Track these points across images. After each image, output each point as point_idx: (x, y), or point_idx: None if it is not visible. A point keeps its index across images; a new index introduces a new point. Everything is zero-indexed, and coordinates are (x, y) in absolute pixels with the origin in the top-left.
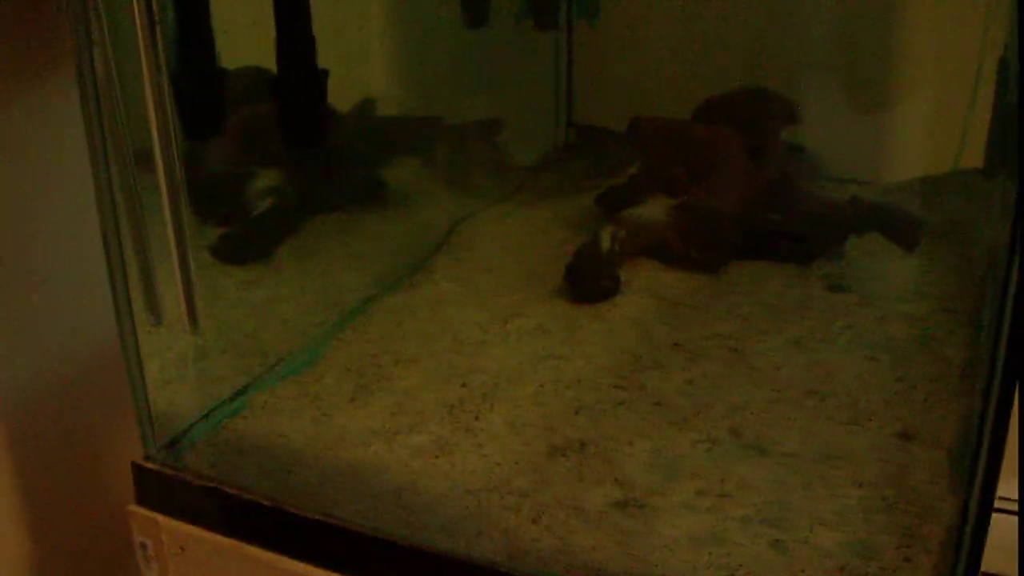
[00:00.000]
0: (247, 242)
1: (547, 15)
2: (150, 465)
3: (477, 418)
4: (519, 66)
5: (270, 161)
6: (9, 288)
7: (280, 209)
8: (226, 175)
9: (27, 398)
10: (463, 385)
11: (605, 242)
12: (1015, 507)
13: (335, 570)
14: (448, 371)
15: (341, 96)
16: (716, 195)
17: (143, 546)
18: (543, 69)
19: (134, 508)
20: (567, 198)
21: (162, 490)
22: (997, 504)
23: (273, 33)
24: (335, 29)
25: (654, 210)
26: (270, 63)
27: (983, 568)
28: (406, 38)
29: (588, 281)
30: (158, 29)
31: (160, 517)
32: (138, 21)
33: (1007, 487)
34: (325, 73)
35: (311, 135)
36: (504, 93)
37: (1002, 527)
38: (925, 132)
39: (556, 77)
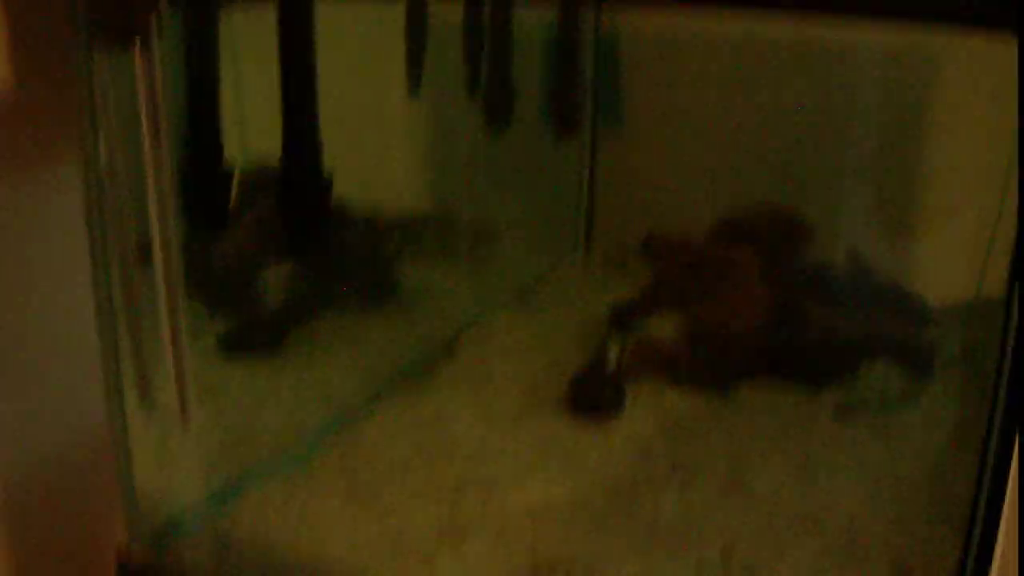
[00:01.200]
0: (254, 336)
1: (570, 122)
2: (134, 553)
3: (464, 531)
4: (540, 173)
5: (282, 258)
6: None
7: (290, 305)
8: (239, 270)
9: (18, 481)
10: (453, 496)
11: (612, 356)
12: None
13: None
14: (440, 481)
15: (358, 196)
16: (727, 315)
17: None
18: (564, 176)
19: None
20: (579, 308)
21: None
22: None
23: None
24: (357, 131)
25: (665, 327)
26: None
27: None
28: (429, 142)
29: (591, 395)
30: (163, 122)
31: None
32: (144, 114)
33: None
34: (328, 180)
35: (311, 237)
36: (523, 199)
37: None
38: (950, 257)
39: (578, 185)
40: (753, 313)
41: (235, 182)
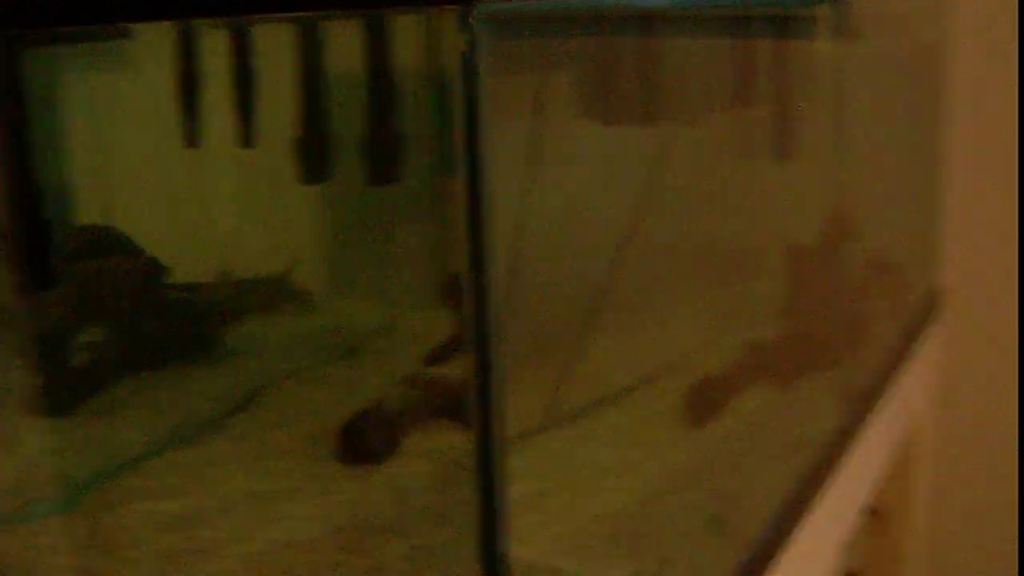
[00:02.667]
0: (57, 396)
1: (383, 171)
2: None
3: None
4: (364, 224)
5: (98, 317)
6: None
7: (97, 364)
8: (53, 331)
9: None
10: (186, 544)
11: (394, 401)
12: None
13: None
14: (184, 536)
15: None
16: None
17: None
18: (391, 227)
19: None
20: (402, 358)
21: None
22: None
23: None
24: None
25: (457, 369)
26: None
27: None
28: (246, 197)
29: (362, 442)
30: None
31: None
32: None
33: None
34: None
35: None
36: (349, 252)
37: None
38: None
39: (420, 233)
40: None
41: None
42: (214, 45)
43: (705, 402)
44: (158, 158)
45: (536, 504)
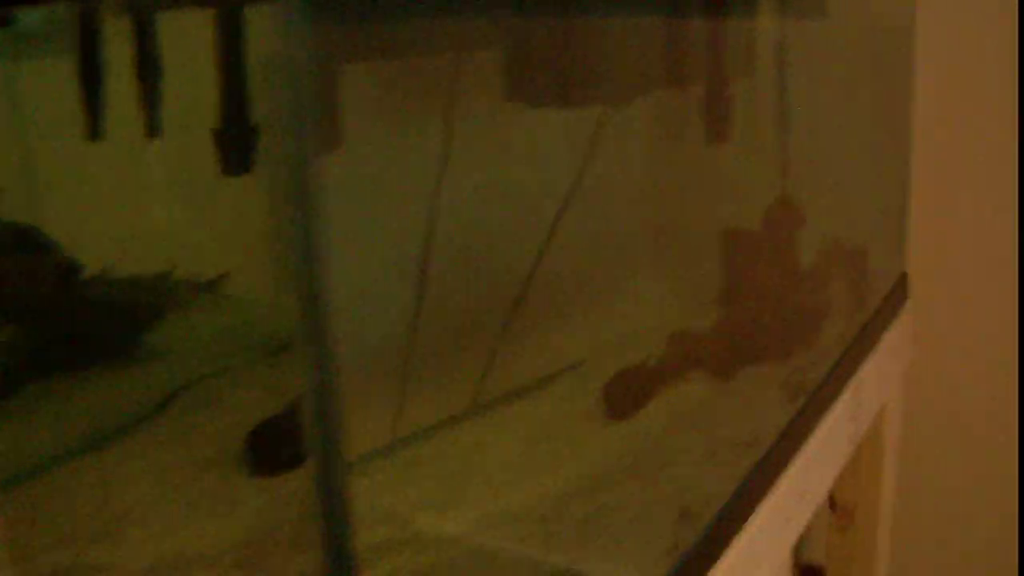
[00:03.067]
0: None
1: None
2: None
3: None
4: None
5: (9, 318)
6: None
7: (6, 367)
8: None
9: None
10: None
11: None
12: None
13: None
14: (70, 553)
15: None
16: None
17: None
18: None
19: None
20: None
21: None
22: None
23: None
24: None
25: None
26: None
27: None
28: (159, 190)
29: (269, 451)
30: None
31: None
32: None
33: None
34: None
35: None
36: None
37: None
38: None
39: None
40: None
41: None
42: (117, 31)
43: (626, 395)
44: (60, 152)
45: (435, 504)
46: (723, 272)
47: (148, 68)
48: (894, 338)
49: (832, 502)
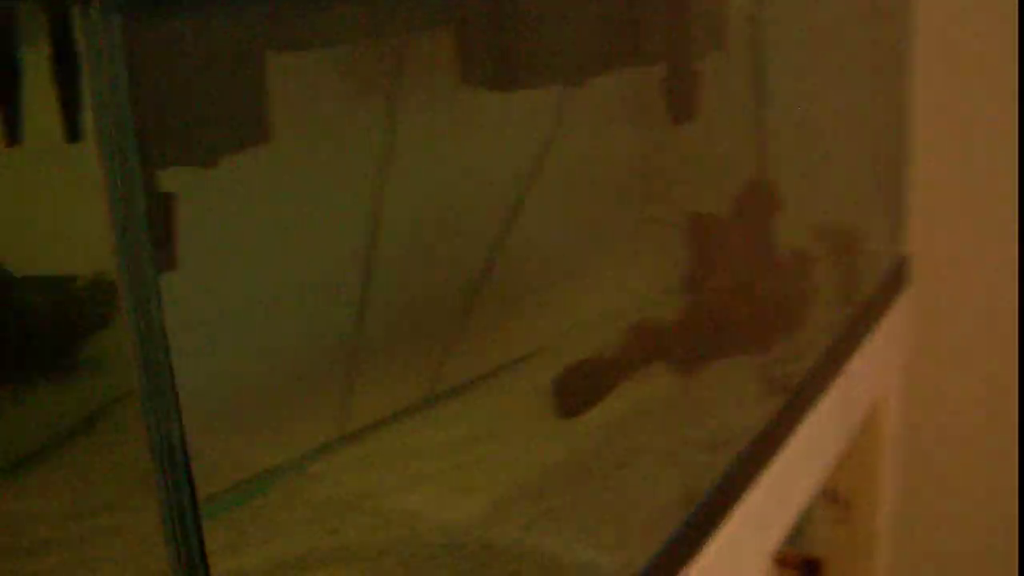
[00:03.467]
0: None
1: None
2: None
3: None
4: None
5: None
6: None
7: None
8: None
9: None
10: None
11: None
12: None
13: None
14: None
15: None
16: None
17: None
18: None
19: None
20: None
21: None
22: None
23: None
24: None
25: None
26: None
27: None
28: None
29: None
30: None
31: None
32: None
33: None
34: None
35: None
36: None
37: None
38: None
39: None
40: None
41: None
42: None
43: (578, 389)
44: None
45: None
46: (689, 260)
47: (65, 68)
48: (892, 326)
49: (830, 495)
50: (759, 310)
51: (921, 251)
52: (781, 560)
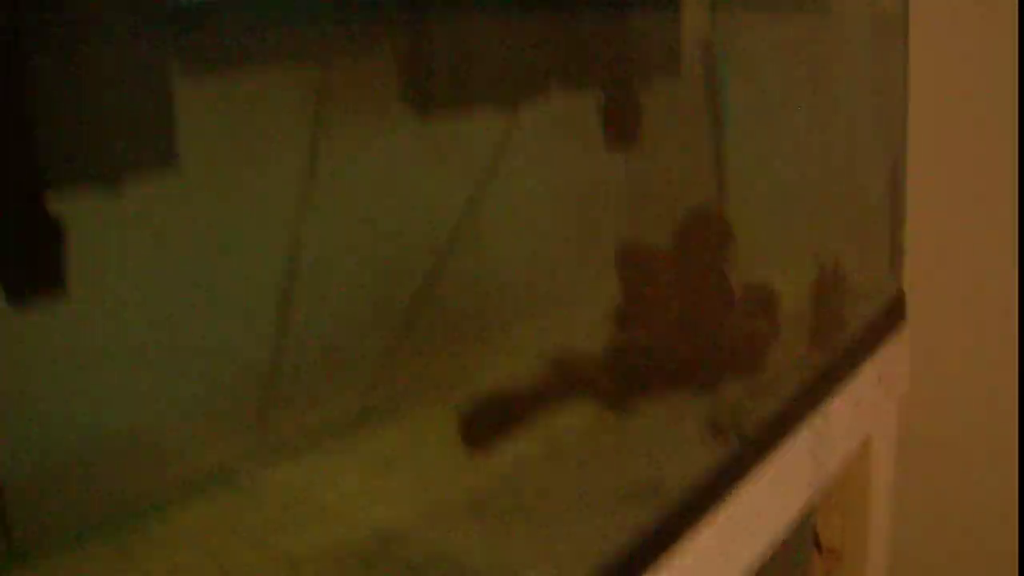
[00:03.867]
0: None
1: None
2: None
3: None
4: None
5: None
6: None
7: None
8: None
9: None
10: None
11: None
12: None
13: None
14: None
15: None
16: None
17: None
18: None
19: None
20: None
21: None
22: None
23: None
24: None
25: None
26: None
27: None
28: None
29: None
30: None
31: None
32: None
33: None
34: None
35: None
36: None
37: None
38: None
39: None
40: None
41: None
42: None
43: (486, 422)
44: None
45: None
46: (619, 292)
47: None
48: (884, 364)
49: (818, 544)
50: (704, 346)
51: (915, 256)
52: None
